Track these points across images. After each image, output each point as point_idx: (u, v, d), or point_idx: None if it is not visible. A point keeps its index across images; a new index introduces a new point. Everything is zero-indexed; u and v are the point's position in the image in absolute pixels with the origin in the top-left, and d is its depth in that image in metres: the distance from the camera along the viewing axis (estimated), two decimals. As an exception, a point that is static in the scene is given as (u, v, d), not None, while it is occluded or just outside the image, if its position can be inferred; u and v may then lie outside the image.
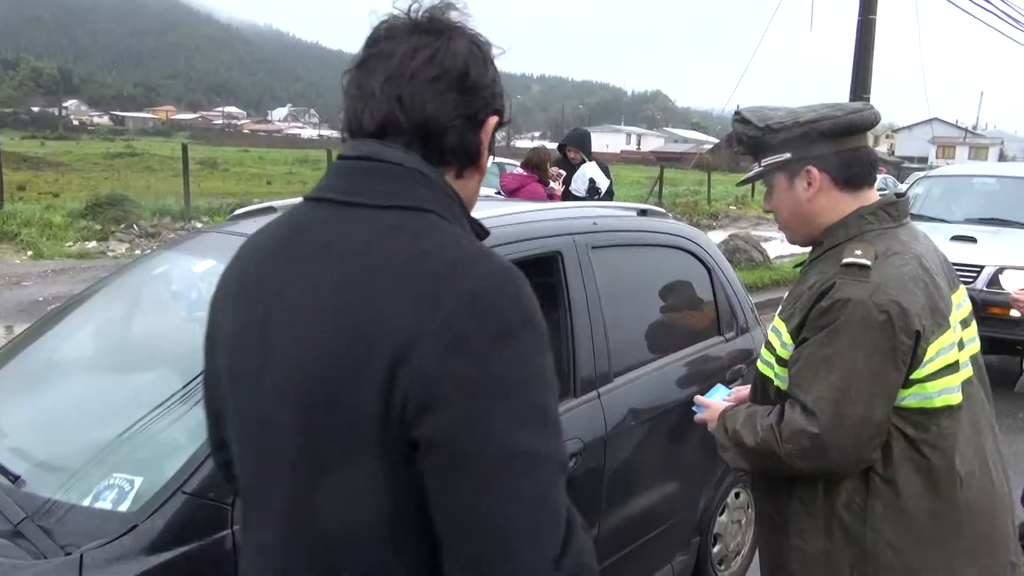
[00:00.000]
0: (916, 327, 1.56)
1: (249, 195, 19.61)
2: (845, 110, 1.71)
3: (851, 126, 1.69)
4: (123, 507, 1.60)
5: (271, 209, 2.70)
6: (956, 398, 1.63)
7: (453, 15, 1.03)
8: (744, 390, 1.99)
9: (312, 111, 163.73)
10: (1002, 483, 1.74)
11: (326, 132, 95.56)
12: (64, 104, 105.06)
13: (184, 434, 1.73)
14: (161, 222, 12.48)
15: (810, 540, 1.66)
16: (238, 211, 2.81)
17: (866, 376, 1.55)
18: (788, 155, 1.70)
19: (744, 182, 1.92)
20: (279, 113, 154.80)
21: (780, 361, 1.69)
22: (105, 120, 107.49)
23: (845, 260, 1.62)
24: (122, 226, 11.82)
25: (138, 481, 1.64)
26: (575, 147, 6.77)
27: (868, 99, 13.40)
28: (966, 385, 1.66)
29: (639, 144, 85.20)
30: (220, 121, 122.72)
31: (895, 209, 1.72)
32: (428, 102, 0.99)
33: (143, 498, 1.60)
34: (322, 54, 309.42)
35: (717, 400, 2.01)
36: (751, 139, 1.74)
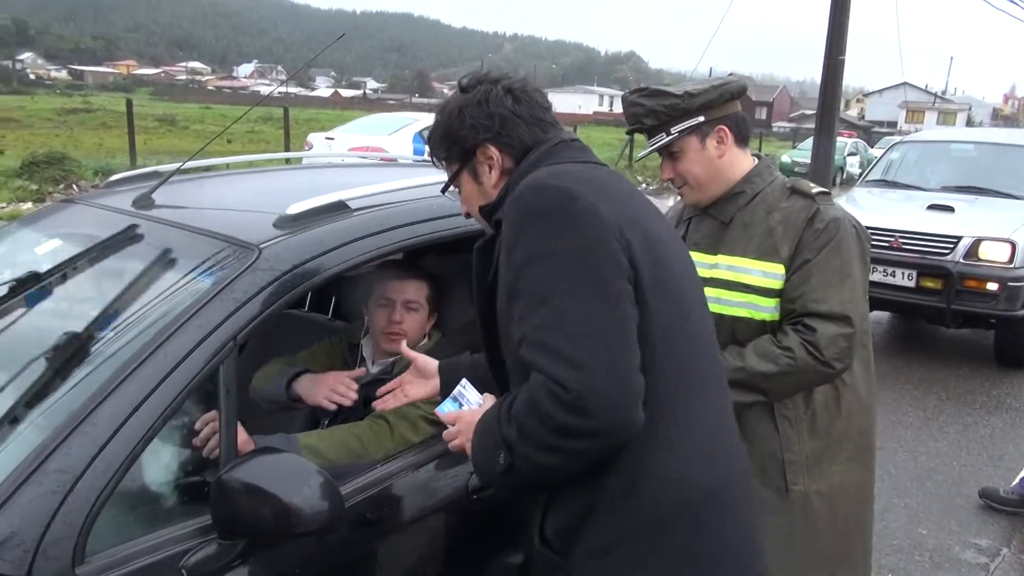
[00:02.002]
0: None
1: (205, 153, 18.77)
2: (732, 78, 1.96)
3: (745, 89, 1.97)
4: None
5: (155, 174, 2.37)
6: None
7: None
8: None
9: (279, 67, 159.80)
10: None
11: (294, 90, 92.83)
12: (19, 57, 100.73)
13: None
14: (104, 182, 11.84)
15: (795, 448, 1.92)
16: (115, 176, 2.42)
17: (861, 277, 1.90)
18: (702, 118, 1.88)
19: (655, 151, 1.94)
20: (245, 69, 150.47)
21: (766, 293, 1.88)
22: (63, 75, 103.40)
23: (815, 191, 1.93)
24: (60, 186, 11.18)
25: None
26: None
27: (843, 61, 13.05)
28: None
29: (611, 106, 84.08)
30: (184, 77, 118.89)
31: (776, 163, 2.04)
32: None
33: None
34: (289, 8, 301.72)
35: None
36: (668, 108, 1.87)
